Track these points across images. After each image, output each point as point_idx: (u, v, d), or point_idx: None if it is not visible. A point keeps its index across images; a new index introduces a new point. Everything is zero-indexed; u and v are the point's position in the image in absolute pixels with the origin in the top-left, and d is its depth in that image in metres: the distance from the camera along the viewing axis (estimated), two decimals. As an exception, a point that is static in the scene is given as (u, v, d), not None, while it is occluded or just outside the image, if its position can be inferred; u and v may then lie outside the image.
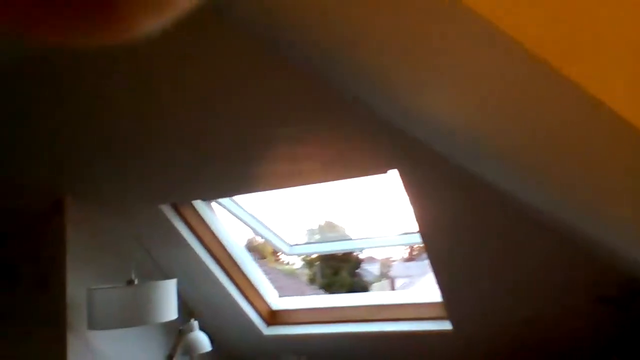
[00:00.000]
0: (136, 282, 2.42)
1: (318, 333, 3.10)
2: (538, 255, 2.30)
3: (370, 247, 3.28)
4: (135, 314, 2.37)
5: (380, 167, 2.14)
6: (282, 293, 3.44)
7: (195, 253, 2.73)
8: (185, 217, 2.68)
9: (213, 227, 2.86)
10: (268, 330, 3.23)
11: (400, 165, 2.09)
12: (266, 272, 3.46)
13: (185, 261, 2.78)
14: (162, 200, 2.52)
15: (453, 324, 2.80)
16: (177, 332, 2.67)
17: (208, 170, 2.32)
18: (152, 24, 0.25)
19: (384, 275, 14.02)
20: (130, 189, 2.51)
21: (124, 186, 2.49)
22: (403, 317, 3.01)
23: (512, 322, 2.65)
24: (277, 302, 3.37)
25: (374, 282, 13.49)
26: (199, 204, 2.76)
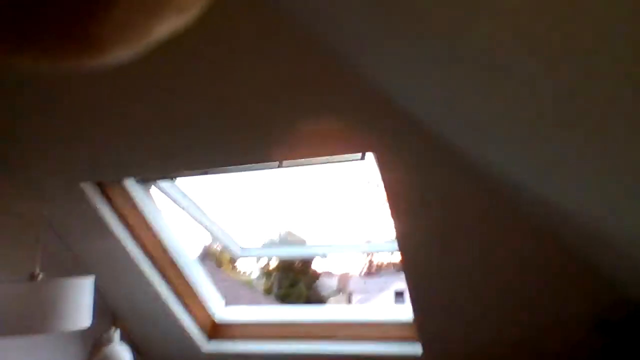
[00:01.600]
0: (41, 277, 1.92)
1: (268, 351, 2.65)
2: (533, 269, 1.95)
3: (329, 253, 2.87)
4: (36, 319, 1.86)
5: (357, 147, 1.74)
6: (236, 303, 2.99)
7: (123, 245, 2.25)
8: (114, 200, 2.20)
9: (149, 217, 2.38)
10: (209, 346, 2.75)
11: (379, 148, 1.71)
12: (222, 280, 3.04)
13: (110, 255, 2.29)
14: (85, 176, 2.04)
15: (424, 348, 2.41)
16: (93, 342, 2.17)
17: (147, 141, 1.86)
18: (126, 52, 0.29)
19: (341, 289, 13.75)
20: (47, 160, 2.01)
21: (39, 156, 2.00)
22: (366, 336, 2.60)
23: (495, 347, 2.29)
24: (223, 312, 2.90)
25: (330, 296, 13.18)
26: (133, 187, 2.29)
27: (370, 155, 1.92)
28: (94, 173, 2.02)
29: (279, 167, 2.09)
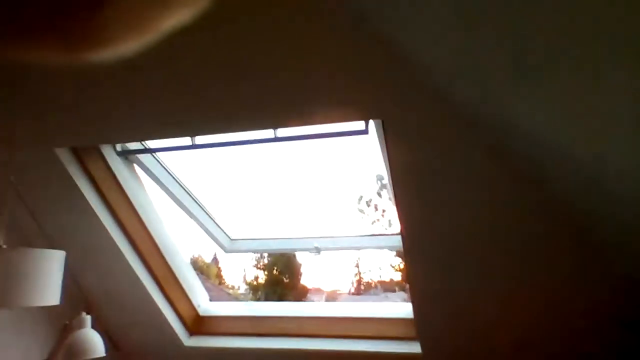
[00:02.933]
0: (3, 246, 1.72)
1: (255, 348, 2.45)
2: (545, 261, 1.78)
3: (322, 246, 2.70)
4: (-1, 293, 1.67)
5: (364, 113, 1.59)
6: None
7: (100, 223, 2.05)
8: (93, 173, 2.02)
9: (132, 196, 2.20)
10: (190, 341, 2.54)
11: (389, 114, 1.55)
12: (208, 289, 2.87)
13: (85, 233, 2.09)
14: (60, 141, 1.86)
15: (423, 347, 2.23)
16: (61, 327, 1.97)
17: (129, 104, 1.69)
18: (132, 45, 0.46)
19: (330, 307, 13.50)
20: (19, 120, 1.82)
21: (10, 116, 1.81)
22: (362, 334, 2.41)
23: (499, 346, 2.11)
24: (207, 306, 2.70)
25: (319, 314, 12.94)
26: (114, 161, 2.11)
27: (372, 129, 1.77)
28: (69, 137, 1.84)
29: (274, 139, 1.93)
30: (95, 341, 1.91)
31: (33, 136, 1.83)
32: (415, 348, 2.27)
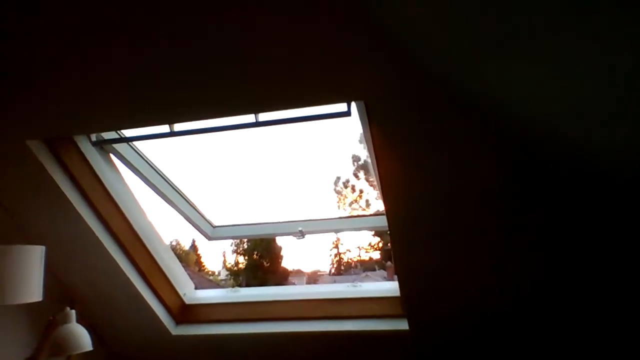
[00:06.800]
0: (-19, 246, 1.66)
1: (242, 333, 2.45)
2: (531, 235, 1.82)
3: (305, 229, 2.70)
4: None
5: (345, 94, 1.57)
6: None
7: (79, 216, 1.99)
8: (68, 165, 1.95)
9: (110, 187, 2.14)
10: (178, 330, 2.53)
11: (372, 95, 1.53)
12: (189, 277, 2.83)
13: (63, 226, 2.03)
14: (32, 133, 1.79)
15: (410, 324, 2.27)
16: (45, 323, 1.93)
17: (111, 94, 1.64)
18: None
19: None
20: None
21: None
22: (349, 314, 2.43)
23: (482, 319, 2.16)
24: (193, 294, 2.68)
25: (301, 296, 12.97)
26: (90, 152, 2.04)
27: (355, 112, 1.76)
28: (41, 128, 1.77)
29: (256, 124, 1.90)
30: (81, 335, 1.88)
31: (3, 128, 1.76)
32: (402, 325, 2.30)
